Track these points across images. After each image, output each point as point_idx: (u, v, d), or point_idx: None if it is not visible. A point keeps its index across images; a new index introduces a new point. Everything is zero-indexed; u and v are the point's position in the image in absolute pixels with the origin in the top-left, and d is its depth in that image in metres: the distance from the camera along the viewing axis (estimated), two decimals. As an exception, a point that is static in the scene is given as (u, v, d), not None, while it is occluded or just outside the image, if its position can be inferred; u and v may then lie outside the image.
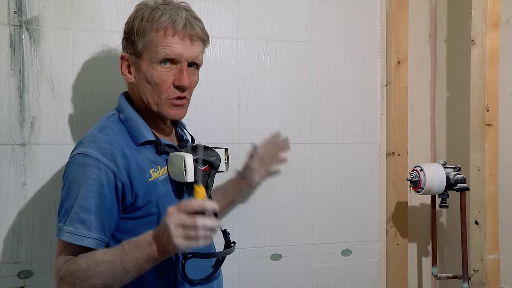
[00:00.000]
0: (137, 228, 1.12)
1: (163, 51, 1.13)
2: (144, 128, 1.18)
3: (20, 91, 1.44)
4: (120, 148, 1.12)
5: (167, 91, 1.16)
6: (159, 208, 1.14)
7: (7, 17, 1.42)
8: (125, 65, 1.20)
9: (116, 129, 1.16)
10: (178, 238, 0.97)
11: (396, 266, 1.82)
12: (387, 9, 1.82)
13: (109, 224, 1.10)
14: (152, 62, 1.14)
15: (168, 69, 1.15)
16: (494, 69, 1.47)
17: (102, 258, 1.03)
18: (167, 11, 1.14)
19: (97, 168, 1.07)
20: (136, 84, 1.19)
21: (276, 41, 1.68)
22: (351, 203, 1.78)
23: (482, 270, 1.48)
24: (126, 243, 1.04)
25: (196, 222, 0.97)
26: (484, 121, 1.46)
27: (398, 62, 1.81)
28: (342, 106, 1.76)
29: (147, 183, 1.13)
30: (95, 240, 1.07)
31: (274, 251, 1.69)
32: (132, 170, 1.12)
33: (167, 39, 1.13)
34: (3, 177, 1.43)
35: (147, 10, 1.15)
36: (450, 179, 1.61)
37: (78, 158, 1.09)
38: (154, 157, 1.18)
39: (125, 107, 1.20)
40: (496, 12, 1.45)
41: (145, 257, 1.02)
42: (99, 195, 1.07)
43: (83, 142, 1.12)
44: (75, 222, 1.06)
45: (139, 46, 1.15)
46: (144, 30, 1.13)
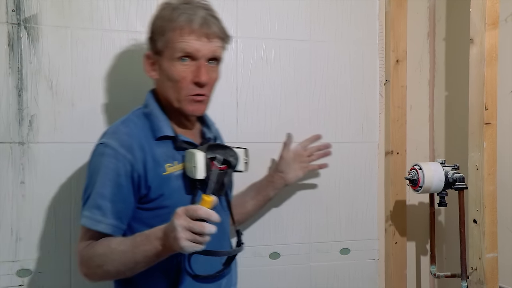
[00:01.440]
0: (150, 219, 1.17)
1: (180, 46, 1.16)
2: (164, 124, 1.22)
3: (18, 89, 1.44)
4: (139, 140, 1.17)
5: (186, 88, 1.19)
6: (171, 202, 1.18)
7: (5, 16, 1.41)
8: (149, 63, 1.24)
9: (138, 123, 1.21)
10: (184, 240, 1.01)
11: (395, 265, 1.82)
12: (386, 8, 1.82)
13: (126, 212, 1.16)
14: (171, 59, 1.18)
15: (187, 66, 1.18)
16: (493, 68, 1.47)
17: (116, 246, 1.10)
18: (185, 10, 1.17)
19: (115, 158, 1.13)
20: (159, 81, 1.24)
21: (275, 40, 1.68)
22: (350, 201, 1.78)
23: (481, 269, 1.48)
24: (139, 235, 1.10)
25: (203, 228, 1.01)
26: (483, 120, 1.47)
27: (396, 61, 1.81)
28: (341, 104, 1.76)
29: (161, 177, 1.18)
30: (111, 226, 1.13)
31: (272, 249, 1.69)
32: (148, 162, 1.16)
33: (183, 37, 1.16)
34: (2, 175, 1.43)
35: (167, 9, 1.19)
36: (449, 177, 1.61)
37: (99, 148, 1.17)
38: (172, 153, 1.22)
39: (150, 103, 1.25)
40: (495, 11, 1.46)
41: (154, 251, 1.07)
42: (116, 184, 1.13)
43: (106, 133, 1.20)
44: (92, 208, 1.13)
45: (159, 44, 1.19)
46: (163, 30, 1.18)
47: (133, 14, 1.53)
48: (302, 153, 1.61)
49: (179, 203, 1.16)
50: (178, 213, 1.03)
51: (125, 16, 1.53)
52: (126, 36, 1.53)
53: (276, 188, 1.57)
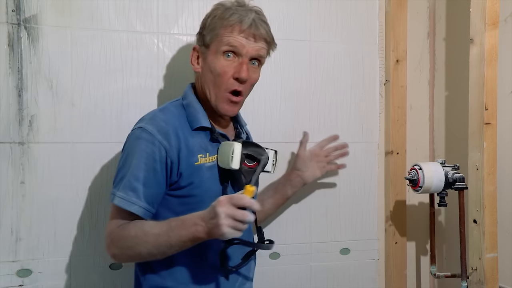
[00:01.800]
0: (176, 206, 1.22)
1: (227, 40, 1.21)
2: (201, 115, 1.27)
3: (18, 89, 1.44)
4: (175, 128, 1.21)
5: (226, 82, 1.24)
6: (199, 191, 1.22)
7: (5, 16, 1.41)
8: (195, 56, 1.30)
9: (175, 112, 1.26)
10: (226, 227, 1.05)
11: (395, 265, 1.82)
12: (386, 8, 1.82)
13: (157, 197, 1.19)
14: (217, 52, 1.23)
15: (230, 62, 1.23)
16: (493, 68, 1.47)
17: (150, 229, 1.13)
18: (238, 11, 1.23)
19: (151, 143, 1.17)
20: (201, 74, 1.28)
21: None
22: (350, 201, 1.78)
23: (481, 269, 1.48)
24: (173, 220, 1.13)
25: (245, 216, 1.06)
26: (483, 120, 1.47)
27: (396, 60, 1.81)
28: (340, 105, 1.76)
29: (193, 166, 1.21)
30: (143, 209, 1.16)
31: (272, 249, 1.69)
32: (182, 151, 1.20)
33: (232, 34, 1.22)
34: (2, 175, 1.42)
35: (220, 9, 1.25)
36: (449, 178, 1.61)
37: (137, 132, 1.20)
38: (205, 144, 1.26)
39: (189, 95, 1.30)
40: (495, 11, 1.46)
41: (190, 236, 1.10)
42: (151, 168, 1.17)
43: (144, 119, 1.23)
44: (127, 190, 1.16)
45: (207, 38, 1.24)
46: (214, 26, 1.23)
47: (133, 14, 1.53)
48: (319, 153, 1.65)
49: (207, 193, 1.22)
50: (222, 200, 1.06)
51: (125, 16, 1.53)
52: (126, 36, 1.53)
53: (294, 187, 1.60)
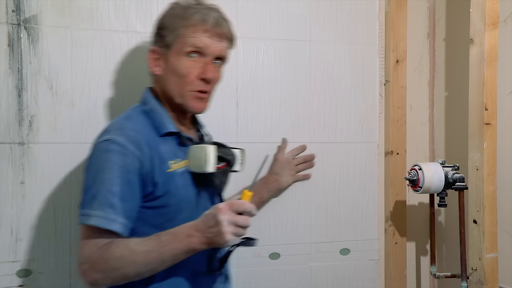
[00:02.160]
0: (154, 218, 1.16)
1: (191, 41, 1.18)
2: (167, 120, 1.22)
3: (18, 90, 1.44)
4: (145, 136, 1.16)
5: (191, 83, 1.20)
6: (176, 199, 1.18)
7: (5, 16, 1.41)
8: (154, 58, 1.24)
9: (141, 120, 1.21)
10: (230, 234, 1.04)
11: (395, 265, 1.82)
12: (386, 8, 1.82)
13: (134, 211, 1.13)
14: (180, 53, 1.19)
15: (194, 62, 1.20)
16: (493, 68, 1.47)
17: (137, 247, 1.06)
18: (199, 10, 1.20)
19: (123, 155, 1.10)
20: (162, 77, 1.23)
21: (274, 40, 1.68)
22: (350, 202, 1.78)
23: (481, 269, 1.48)
24: (163, 234, 1.08)
25: (247, 222, 1.06)
26: (483, 120, 1.47)
27: (396, 61, 1.81)
28: (340, 105, 1.76)
29: (166, 174, 1.17)
30: (123, 225, 1.09)
31: (272, 250, 1.69)
32: (154, 159, 1.15)
33: (195, 33, 1.19)
34: (2, 176, 1.42)
35: (179, 8, 1.21)
36: (449, 178, 1.61)
37: (105, 145, 1.12)
38: (174, 150, 1.22)
39: (150, 100, 1.25)
40: (495, 11, 1.46)
41: (185, 248, 1.07)
42: (126, 181, 1.10)
43: (109, 130, 1.16)
44: (104, 207, 1.07)
45: (168, 38, 1.20)
46: (175, 26, 1.19)
47: (133, 14, 1.53)
48: (291, 161, 1.66)
49: (184, 201, 1.19)
50: (223, 208, 1.05)
51: (125, 16, 1.53)
52: (126, 36, 1.53)
53: (271, 191, 1.61)
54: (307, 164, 1.70)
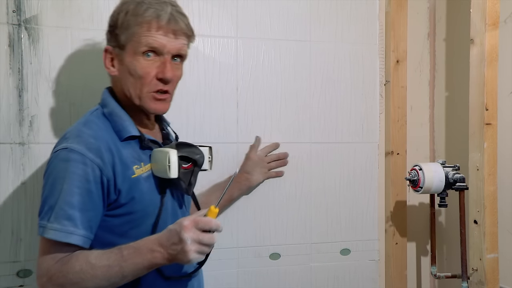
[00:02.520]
0: (120, 226, 1.12)
1: (145, 40, 1.12)
2: (128, 123, 1.16)
3: (19, 90, 1.44)
4: (106, 142, 1.11)
5: (150, 84, 1.14)
6: (141, 206, 1.14)
7: (6, 16, 1.41)
8: (109, 58, 1.18)
9: (100, 124, 1.15)
10: (194, 253, 1.00)
11: (395, 266, 1.82)
12: (386, 8, 1.82)
13: (96, 221, 1.08)
14: (135, 53, 1.13)
15: (151, 61, 1.14)
16: (493, 68, 1.47)
17: (97, 261, 1.02)
18: (152, 5, 1.12)
19: (82, 164, 1.06)
20: (119, 78, 1.18)
21: (275, 40, 1.68)
22: (350, 202, 1.78)
23: (481, 269, 1.48)
24: (125, 248, 1.04)
25: (213, 240, 1.02)
26: (483, 120, 1.47)
27: (397, 61, 1.81)
28: (341, 105, 1.76)
29: (130, 180, 1.12)
30: (82, 237, 1.05)
31: (273, 250, 1.69)
32: (117, 165, 1.10)
33: (150, 32, 1.12)
34: (2, 176, 1.43)
35: (132, 3, 1.14)
36: (449, 178, 1.61)
37: (62, 153, 1.07)
38: (138, 154, 1.17)
39: (109, 102, 1.18)
40: (495, 11, 1.46)
41: (146, 264, 1.03)
42: (85, 191, 1.05)
43: (67, 137, 1.10)
44: (61, 219, 1.04)
45: (122, 38, 1.13)
46: (128, 24, 1.12)
47: (134, 14, 1.53)
48: (263, 159, 1.64)
49: (150, 207, 1.15)
50: (187, 225, 1.01)
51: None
52: (127, 36, 1.53)
53: (240, 189, 1.59)
54: (280, 162, 1.68)
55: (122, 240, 1.08)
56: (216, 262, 1.62)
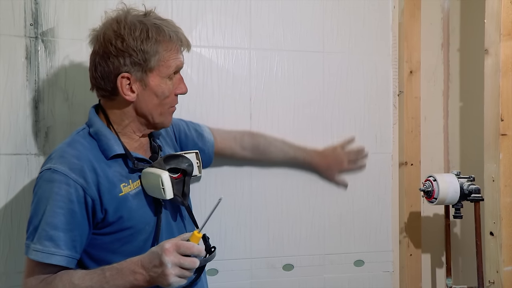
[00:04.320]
0: (110, 244, 1.14)
1: (174, 63, 1.18)
2: (113, 142, 1.16)
3: (35, 101, 1.46)
4: (90, 162, 1.11)
5: (172, 101, 1.22)
6: (132, 223, 1.15)
7: (24, 29, 1.44)
8: (126, 84, 1.15)
9: (86, 143, 1.15)
10: (174, 277, 1.00)
11: (410, 277, 1.80)
12: (399, 19, 1.82)
13: (80, 240, 1.09)
14: (163, 76, 1.17)
15: (172, 81, 1.21)
16: (508, 79, 1.45)
17: (80, 282, 1.03)
18: (170, 28, 1.17)
19: (66, 184, 1.07)
20: (137, 101, 1.17)
21: (288, 52, 1.69)
22: (364, 213, 1.77)
23: (498, 282, 1.46)
24: (108, 269, 1.05)
25: (194, 264, 1.02)
26: (499, 131, 1.45)
27: (410, 71, 1.80)
28: (354, 116, 1.76)
29: (118, 198, 1.13)
30: (65, 257, 1.06)
31: (286, 261, 1.69)
32: (102, 185, 1.11)
33: (177, 55, 1.19)
34: (18, 186, 1.44)
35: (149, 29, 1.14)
36: (464, 189, 1.60)
37: (46, 174, 1.09)
38: (125, 172, 1.17)
39: (95, 121, 1.19)
40: (510, 21, 1.44)
41: (128, 286, 1.03)
42: (68, 211, 1.07)
43: (52, 158, 1.12)
44: (43, 240, 1.05)
45: (151, 63, 1.14)
46: (156, 50, 1.14)
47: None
48: (343, 165, 1.71)
49: (141, 223, 1.16)
50: (168, 249, 1.01)
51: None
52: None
53: (305, 158, 1.66)
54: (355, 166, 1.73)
55: (114, 257, 1.09)
56: (229, 273, 1.62)
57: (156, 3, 1.54)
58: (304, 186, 1.70)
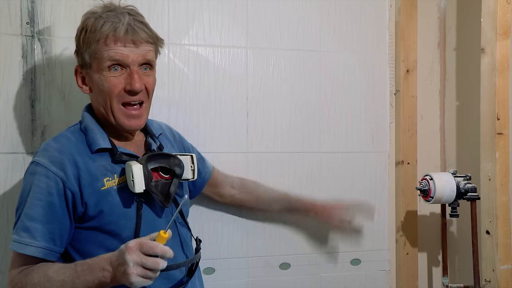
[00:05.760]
0: (94, 237, 1.13)
1: (107, 55, 1.12)
2: (99, 136, 1.17)
3: (31, 100, 1.46)
4: (71, 156, 1.12)
5: (118, 96, 1.15)
6: (113, 218, 1.14)
7: (20, 28, 1.44)
8: (80, 78, 1.20)
9: (72, 138, 1.17)
10: (136, 276, 0.98)
11: (406, 276, 1.81)
12: (396, 18, 1.82)
13: (60, 233, 1.10)
14: (100, 69, 1.14)
15: (118, 74, 1.14)
16: (505, 78, 1.46)
17: (53, 275, 1.04)
18: (109, 19, 1.13)
19: (45, 176, 1.09)
20: (93, 95, 1.20)
21: (284, 50, 1.69)
22: (361, 212, 1.77)
23: (494, 281, 1.46)
24: (80, 264, 1.05)
25: (157, 265, 0.99)
26: (495, 130, 1.46)
27: (407, 70, 1.81)
28: (351, 114, 1.76)
29: (99, 192, 1.13)
30: (41, 249, 1.07)
31: (283, 260, 1.69)
32: (83, 178, 1.11)
33: (108, 46, 1.12)
34: (14, 185, 1.44)
35: (90, 19, 1.14)
36: (461, 188, 1.60)
37: (30, 167, 1.12)
38: (111, 166, 1.17)
39: (85, 117, 1.21)
40: (506, 20, 1.45)
41: (97, 282, 1.03)
42: (47, 203, 1.08)
43: (38, 151, 1.15)
44: (20, 231, 1.07)
45: (86, 56, 1.14)
46: (89, 41, 1.13)
47: (145, 25, 1.55)
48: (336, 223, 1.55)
49: (124, 219, 1.14)
50: (131, 247, 0.99)
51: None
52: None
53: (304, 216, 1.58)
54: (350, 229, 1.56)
55: (100, 251, 1.09)
56: (225, 271, 1.62)
57: (152, 3, 1.54)
58: (300, 184, 1.70)
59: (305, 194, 1.69)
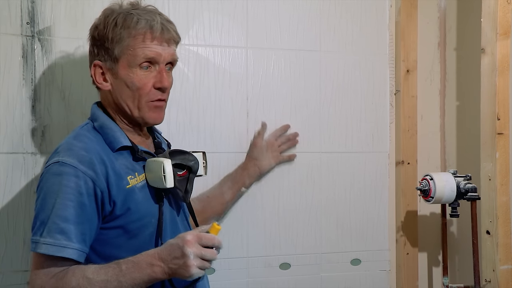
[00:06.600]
0: (116, 239, 1.13)
1: (142, 52, 1.13)
2: (119, 134, 1.17)
3: (31, 100, 1.46)
4: (98, 154, 1.11)
5: (148, 94, 1.16)
6: (138, 216, 1.14)
7: (20, 28, 1.44)
8: (99, 73, 1.18)
9: (91, 137, 1.15)
10: (195, 268, 1.01)
11: (406, 276, 1.81)
12: (396, 18, 1.82)
13: (90, 234, 1.08)
14: (130, 66, 1.14)
15: (148, 72, 1.16)
16: (505, 78, 1.46)
17: (95, 276, 1.02)
18: (142, 16, 1.14)
19: (75, 176, 1.06)
20: (113, 91, 1.18)
21: (285, 50, 1.69)
22: (361, 212, 1.77)
23: (495, 281, 1.46)
24: (123, 262, 1.04)
25: (215, 256, 1.03)
26: (495, 130, 1.46)
27: (407, 70, 1.80)
28: (351, 114, 1.76)
29: (125, 190, 1.13)
30: (77, 251, 1.05)
31: (283, 260, 1.69)
32: (110, 177, 1.11)
33: (145, 43, 1.14)
34: (15, 185, 1.44)
35: (119, 16, 1.14)
36: (461, 188, 1.60)
37: (54, 167, 1.08)
38: (131, 164, 1.17)
39: (99, 115, 1.19)
40: (507, 20, 1.45)
41: (146, 278, 1.03)
42: (78, 204, 1.05)
43: (59, 151, 1.11)
44: (54, 233, 1.03)
45: (115, 52, 1.14)
46: (121, 37, 1.13)
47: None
48: (273, 143, 1.63)
49: (147, 217, 1.15)
50: (190, 240, 1.02)
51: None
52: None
53: (251, 176, 1.58)
54: (290, 142, 1.66)
55: (120, 253, 1.08)
56: (226, 272, 1.62)
57: (152, 3, 1.54)
58: (300, 184, 1.70)
59: (305, 194, 1.70)
